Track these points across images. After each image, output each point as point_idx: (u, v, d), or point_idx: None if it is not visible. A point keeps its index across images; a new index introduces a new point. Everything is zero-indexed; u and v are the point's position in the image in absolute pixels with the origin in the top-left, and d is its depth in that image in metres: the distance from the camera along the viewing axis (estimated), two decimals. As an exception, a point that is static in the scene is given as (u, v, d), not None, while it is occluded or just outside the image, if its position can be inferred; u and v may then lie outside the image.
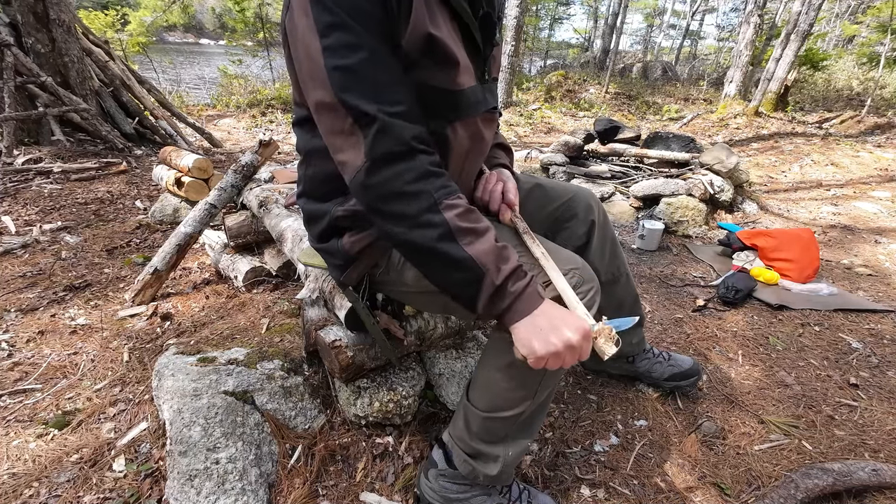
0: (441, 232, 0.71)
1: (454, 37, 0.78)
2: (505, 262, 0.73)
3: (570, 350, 0.71)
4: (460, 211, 0.73)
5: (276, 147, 2.02)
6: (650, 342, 1.63)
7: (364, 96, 0.69)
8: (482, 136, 0.91)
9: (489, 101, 0.89)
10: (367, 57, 0.69)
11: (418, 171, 0.71)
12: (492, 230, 0.75)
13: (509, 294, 0.72)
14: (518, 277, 0.73)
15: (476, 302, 0.73)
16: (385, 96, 0.70)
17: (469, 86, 0.82)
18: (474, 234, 0.72)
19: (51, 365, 1.47)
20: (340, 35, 0.68)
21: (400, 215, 0.73)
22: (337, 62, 0.69)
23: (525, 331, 0.72)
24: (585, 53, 18.71)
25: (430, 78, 0.76)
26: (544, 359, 0.71)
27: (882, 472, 1.11)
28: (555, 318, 0.72)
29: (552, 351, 0.70)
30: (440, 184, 0.73)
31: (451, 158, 0.85)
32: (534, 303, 0.73)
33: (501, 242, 0.75)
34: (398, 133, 0.70)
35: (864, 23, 12.12)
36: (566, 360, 0.72)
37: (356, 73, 0.69)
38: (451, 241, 0.71)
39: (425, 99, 0.77)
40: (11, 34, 3.78)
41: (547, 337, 0.70)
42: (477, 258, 0.71)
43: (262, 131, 6.51)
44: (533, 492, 1.07)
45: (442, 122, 0.81)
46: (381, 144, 0.70)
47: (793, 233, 2.46)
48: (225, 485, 1.01)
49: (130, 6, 11.48)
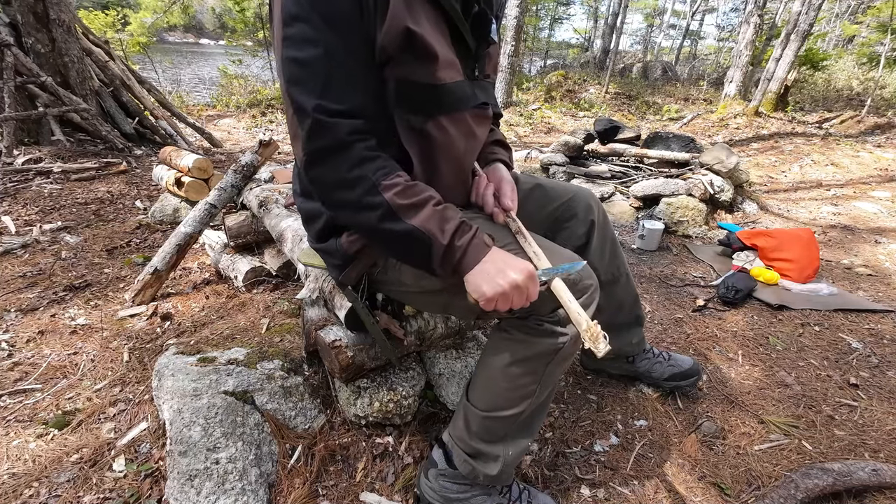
0: (382, 212, 0.75)
1: (437, 33, 0.78)
2: (447, 222, 0.76)
3: (516, 290, 0.74)
4: (399, 189, 0.75)
5: (276, 147, 2.02)
6: (650, 342, 1.63)
7: (307, 91, 0.71)
8: (473, 133, 0.91)
9: (479, 96, 0.89)
10: (321, 53, 0.70)
11: (354, 159, 0.74)
12: (432, 198, 0.78)
13: (458, 249, 0.76)
14: (463, 232, 0.77)
15: (432, 265, 0.78)
16: (329, 94, 0.72)
17: (453, 80, 0.82)
18: (415, 207, 0.76)
19: (51, 365, 1.47)
20: (301, 27, 0.70)
21: (343, 202, 0.77)
22: (292, 53, 0.71)
23: (475, 276, 0.76)
24: (585, 53, 18.72)
25: (409, 73, 0.77)
26: (493, 300, 0.75)
27: (882, 472, 1.11)
28: (501, 262, 0.76)
29: (499, 291, 0.74)
30: (377, 166, 0.75)
31: (439, 154, 0.85)
32: (481, 251, 0.77)
33: (442, 205, 0.78)
34: (333, 131, 0.73)
35: (864, 23, 12.12)
36: (514, 300, 0.76)
37: (307, 67, 0.71)
38: (394, 218, 0.75)
39: (406, 94, 0.78)
40: (11, 34, 3.78)
41: (494, 279, 0.74)
42: (421, 227, 0.75)
43: (262, 131, 6.51)
44: (533, 492, 1.07)
45: (423, 118, 0.81)
46: (315, 141, 0.73)
47: (793, 233, 2.46)
48: (225, 485, 1.01)
49: (131, 6, 11.49)
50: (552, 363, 0.89)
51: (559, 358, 0.89)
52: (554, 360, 0.88)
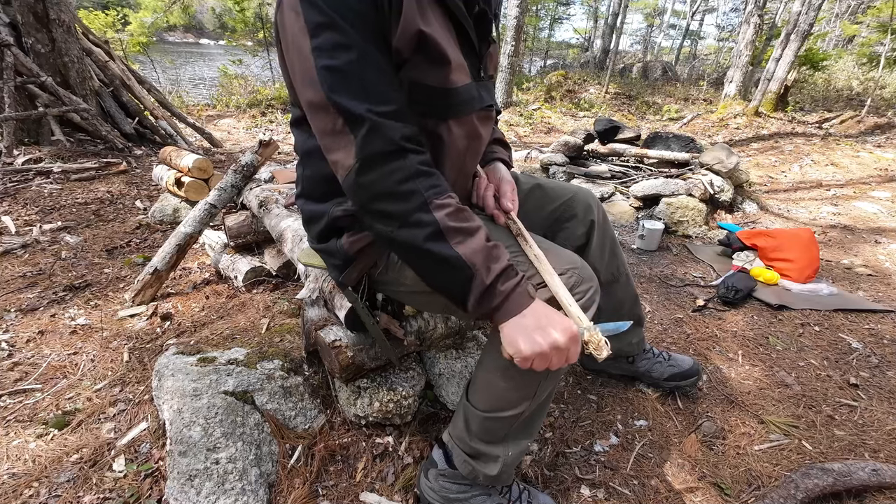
0: (431, 231, 0.71)
1: (447, 34, 0.78)
2: (495, 262, 0.73)
3: (556, 351, 0.71)
4: (450, 210, 0.73)
5: (276, 147, 2.02)
6: (650, 342, 1.63)
7: (354, 97, 0.70)
8: (478, 134, 0.91)
9: (485, 98, 0.89)
10: (356, 57, 0.69)
11: (409, 170, 0.72)
12: (483, 230, 0.76)
13: (499, 293, 0.72)
14: (508, 277, 0.73)
15: (466, 301, 0.74)
16: (375, 96, 0.71)
17: (463, 83, 0.82)
18: (464, 233, 0.73)
19: (51, 365, 1.47)
20: (330, 35, 0.68)
21: (390, 214, 0.73)
22: (327, 62, 0.69)
23: (512, 330, 0.72)
24: (585, 53, 18.71)
25: (422, 76, 0.76)
26: (530, 359, 0.71)
27: (882, 472, 1.11)
28: (542, 318, 0.72)
29: (537, 351, 0.70)
30: (430, 183, 0.73)
31: (447, 156, 0.85)
32: (523, 302, 0.73)
33: (492, 242, 0.75)
34: (388, 133, 0.71)
35: (864, 23, 12.12)
36: (553, 361, 0.72)
37: (346, 74, 0.69)
38: (441, 240, 0.71)
39: (418, 97, 0.77)
40: (11, 34, 3.78)
41: (533, 337, 0.71)
42: (466, 257, 0.71)
43: (262, 131, 6.51)
44: (533, 492, 1.07)
45: (436, 121, 0.81)
46: (371, 145, 0.71)
47: (793, 233, 2.46)
48: (225, 485, 1.01)
49: (131, 6, 11.48)
50: (552, 363, 0.89)
51: (559, 358, 0.88)
52: (554, 360, 0.88)
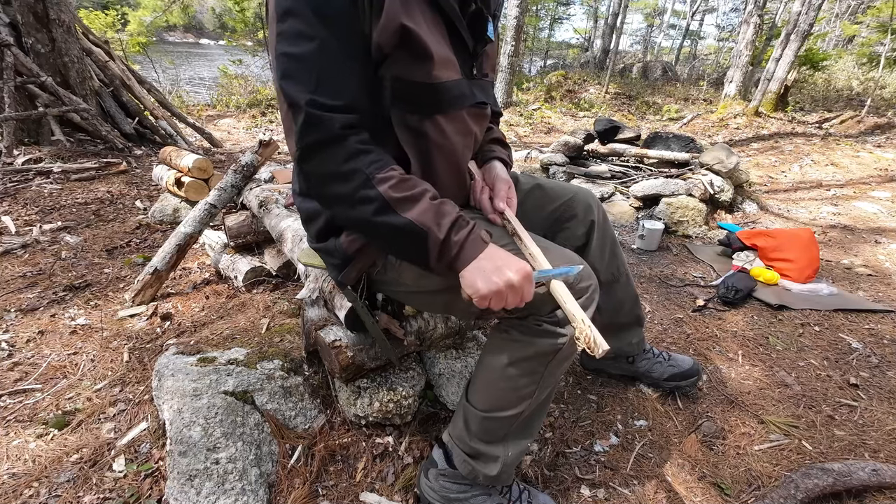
0: (378, 205, 0.74)
1: (434, 31, 0.78)
2: (444, 217, 0.75)
3: (511, 289, 0.74)
4: (394, 182, 0.75)
5: (276, 147, 2.02)
6: (650, 342, 1.63)
7: (300, 86, 0.71)
8: (470, 131, 0.91)
9: (476, 95, 0.89)
10: (315, 48, 0.70)
11: (347, 151, 0.74)
12: (428, 191, 0.78)
13: (454, 244, 0.75)
14: (460, 227, 0.76)
15: (428, 259, 0.77)
16: (324, 89, 0.72)
17: (450, 79, 0.82)
18: (410, 200, 0.75)
19: (51, 365, 1.47)
20: (294, 22, 0.70)
21: (338, 196, 0.76)
22: (285, 49, 0.71)
23: (470, 273, 0.75)
24: (585, 53, 18.70)
25: (405, 72, 0.77)
26: (487, 297, 0.74)
27: (882, 472, 1.11)
28: (498, 260, 0.75)
29: (493, 289, 0.73)
30: (370, 159, 0.75)
31: (436, 152, 0.85)
32: (478, 247, 0.76)
33: (438, 199, 0.77)
34: (326, 124, 0.72)
35: (864, 23, 12.12)
36: (508, 299, 0.75)
37: (300, 62, 0.71)
38: (390, 211, 0.74)
39: (403, 93, 0.78)
40: (11, 34, 3.78)
41: (489, 276, 0.74)
42: (417, 220, 0.74)
43: (262, 131, 6.51)
44: (533, 492, 1.07)
45: (420, 117, 0.81)
46: (308, 134, 0.73)
47: (793, 233, 2.46)
48: (225, 485, 1.01)
49: (130, 6, 11.48)
50: (552, 363, 0.89)
51: (559, 358, 0.88)
52: (553, 360, 0.88)
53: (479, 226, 0.79)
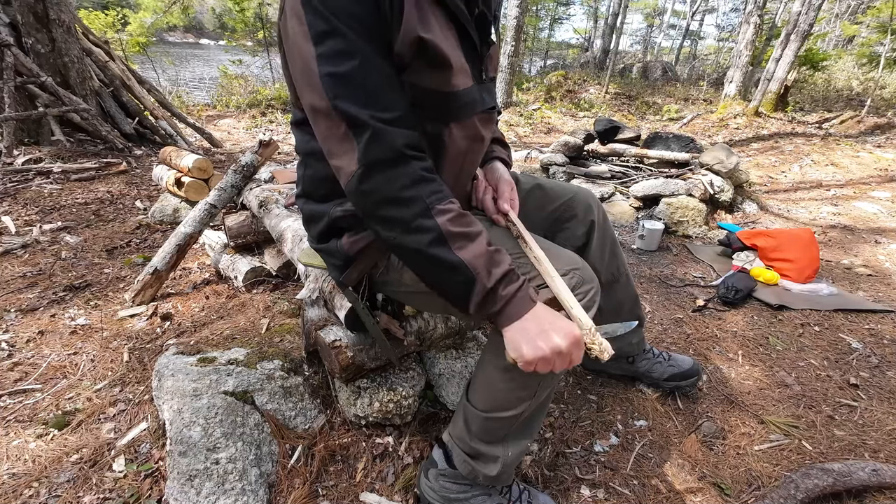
0: (433, 237, 0.72)
1: (448, 38, 0.78)
2: (496, 266, 0.73)
3: (558, 356, 0.71)
4: (452, 216, 0.73)
5: (276, 147, 2.02)
6: (650, 342, 1.63)
7: (357, 103, 0.70)
8: (480, 137, 0.91)
9: (486, 100, 0.89)
10: (359, 63, 0.69)
11: (411, 176, 0.72)
12: (484, 234, 0.76)
13: (500, 298, 0.72)
14: (509, 281, 0.73)
15: (468, 305, 0.74)
16: (378, 103, 0.71)
17: (465, 87, 0.82)
18: (466, 238, 0.73)
19: (51, 365, 1.47)
20: (334, 42, 0.68)
21: (393, 220, 0.74)
22: (330, 69, 0.69)
23: (515, 334, 0.73)
24: (585, 53, 18.70)
25: (423, 80, 0.76)
26: (533, 363, 0.72)
27: (882, 472, 1.11)
28: (545, 322, 0.72)
29: (540, 356, 0.71)
30: (432, 189, 0.73)
31: (447, 159, 0.85)
32: (525, 306, 0.73)
33: (494, 246, 0.75)
34: (390, 140, 0.71)
35: (864, 23, 12.12)
36: (556, 364, 0.72)
37: (349, 80, 0.70)
38: (443, 245, 0.72)
39: (420, 101, 0.77)
40: (11, 34, 3.78)
41: (536, 342, 0.71)
42: (468, 262, 0.72)
43: (262, 131, 6.51)
44: (533, 492, 1.07)
45: (438, 125, 0.81)
46: (374, 151, 0.71)
47: (793, 233, 2.46)
48: (225, 485, 1.01)
49: (130, 7, 11.48)
50: (552, 364, 0.89)
51: (559, 358, 0.88)
52: (554, 360, 0.88)
53: (529, 284, 0.77)
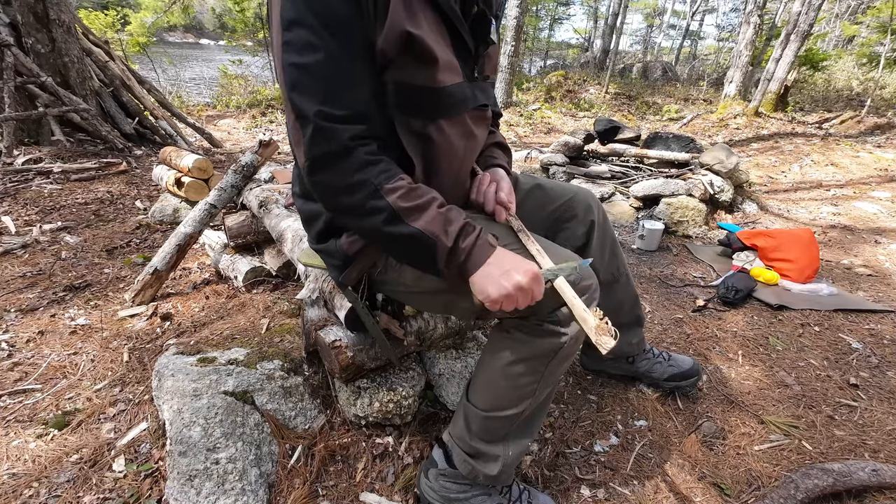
0: (386, 216, 0.75)
1: (437, 35, 0.78)
2: (451, 224, 0.76)
3: (521, 291, 0.75)
4: (402, 192, 0.76)
5: (276, 147, 2.02)
6: (650, 342, 1.63)
7: (309, 97, 0.71)
8: (473, 134, 0.91)
9: (479, 98, 0.89)
10: (323, 58, 0.70)
11: (356, 163, 0.74)
12: (435, 199, 0.78)
13: (462, 251, 0.76)
14: (467, 234, 0.77)
15: (437, 267, 0.78)
16: (331, 99, 0.71)
17: (453, 83, 0.82)
18: (418, 209, 0.76)
19: (51, 365, 1.47)
20: (301, 32, 0.69)
21: (347, 207, 0.77)
22: (293, 59, 0.70)
23: (480, 279, 0.77)
24: (585, 54, 18.70)
25: (409, 77, 0.76)
26: (498, 301, 0.75)
27: (882, 472, 1.11)
28: (506, 263, 0.76)
29: (504, 293, 0.75)
30: (379, 170, 0.75)
31: (440, 156, 0.85)
32: (486, 252, 0.77)
33: (445, 207, 0.78)
34: (335, 136, 0.72)
35: (864, 23, 12.12)
36: (519, 301, 0.76)
37: (308, 73, 0.70)
38: (398, 221, 0.75)
39: (406, 98, 0.78)
40: (11, 34, 3.78)
41: (499, 281, 0.75)
42: (424, 229, 0.75)
43: (262, 131, 6.51)
44: (533, 492, 1.07)
45: (424, 121, 0.81)
46: (317, 146, 0.73)
47: (793, 233, 2.46)
48: (225, 485, 1.01)
49: (131, 7, 11.48)
50: (552, 363, 0.89)
51: (559, 358, 0.89)
52: (554, 359, 0.88)
53: (486, 230, 0.80)
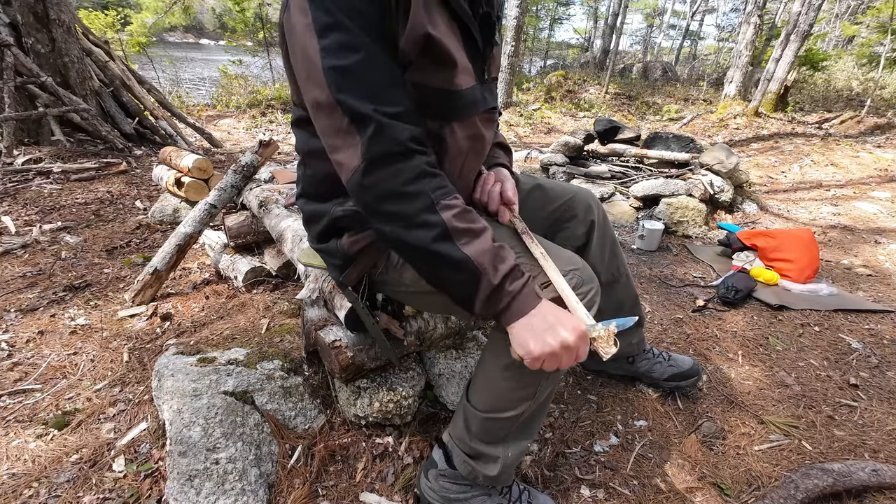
0: (438, 232, 0.71)
1: (453, 37, 0.78)
2: (502, 262, 0.73)
3: (566, 351, 0.71)
4: (457, 211, 0.73)
5: (276, 147, 2.02)
6: (650, 342, 1.63)
7: (361, 97, 0.69)
8: (482, 136, 0.91)
9: (488, 100, 0.90)
10: (363, 58, 0.69)
11: (415, 171, 0.71)
12: (489, 230, 0.75)
13: (506, 294, 0.72)
14: (515, 277, 0.73)
15: (473, 302, 0.73)
16: (381, 97, 0.70)
17: (468, 86, 0.82)
18: (471, 234, 0.72)
19: (51, 365, 1.47)
20: (338, 36, 0.68)
21: (397, 215, 0.73)
22: (334, 62, 0.69)
23: (521, 331, 0.72)
24: (585, 54, 18.71)
25: (427, 78, 0.76)
26: (540, 359, 0.71)
27: (882, 472, 1.11)
28: (551, 318, 0.72)
29: (548, 351, 0.70)
30: (437, 184, 0.73)
31: (449, 158, 0.86)
32: (531, 302, 0.73)
33: (498, 242, 0.75)
34: (394, 134, 0.70)
35: (864, 23, 12.12)
36: (563, 360, 0.72)
37: (353, 74, 0.69)
38: (448, 241, 0.71)
39: (423, 99, 0.77)
40: (11, 34, 3.78)
41: (543, 337, 0.71)
42: (474, 258, 0.71)
43: (262, 131, 6.51)
44: (533, 492, 1.07)
45: (440, 123, 0.81)
46: (378, 145, 0.70)
47: (793, 233, 2.46)
48: (224, 485, 1.01)
49: (131, 7, 11.49)
50: (552, 364, 0.89)
51: (559, 359, 0.88)
52: (554, 360, 0.88)
53: (535, 280, 0.76)
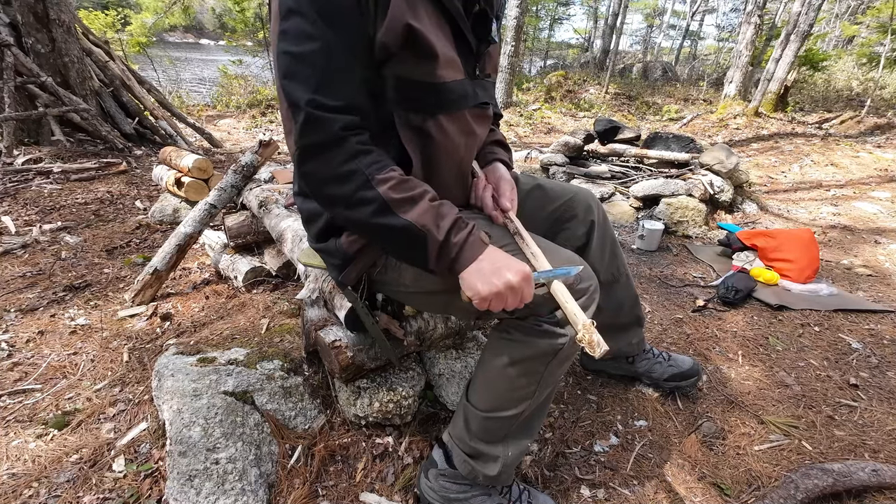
0: (376, 207, 0.74)
1: (439, 31, 0.78)
2: (443, 219, 0.76)
3: (510, 290, 0.74)
4: (393, 183, 0.75)
5: (276, 147, 2.02)
6: (650, 342, 1.63)
7: (302, 85, 0.71)
8: (473, 131, 0.91)
9: (479, 95, 0.90)
10: (317, 48, 0.70)
11: (347, 153, 0.73)
12: (428, 192, 0.78)
13: (454, 246, 0.75)
14: (459, 229, 0.76)
15: (427, 261, 0.77)
16: (324, 89, 0.71)
17: (453, 79, 0.82)
18: (410, 201, 0.75)
19: (51, 365, 1.47)
20: (297, 21, 0.69)
21: (336, 198, 0.76)
22: (288, 47, 0.71)
23: (470, 275, 0.76)
24: (585, 54, 18.71)
25: (409, 71, 0.77)
26: (487, 299, 0.75)
27: (882, 472, 1.11)
28: (497, 261, 0.76)
29: (493, 291, 0.74)
30: (371, 160, 0.75)
31: (439, 152, 0.86)
32: (477, 249, 0.77)
33: (438, 201, 0.78)
34: (326, 125, 0.72)
35: (864, 23, 12.12)
36: (508, 301, 0.75)
37: (301, 62, 0.71)
38: (388, 212, 0.74)
39: (407, 93, 0.78)
40: (11, 34, 3.78)
41: (490, 279, 0.74)
42: (416, 221, 0.74)
43: (262, 131, 6.51)
44: (533, 492, 1.07)
45: (423, 116, 0.81)
46: (308, 135, 0.73)
47: (793, 233, 2.46)
48: (224, 485, 1.01)
49: (131, 7, 11.49)
50: (552, 364, 0.89)
51: (559, 359, 0.89)
52: (553, 360, 0.88)
53: (479, 227, 0.79)
